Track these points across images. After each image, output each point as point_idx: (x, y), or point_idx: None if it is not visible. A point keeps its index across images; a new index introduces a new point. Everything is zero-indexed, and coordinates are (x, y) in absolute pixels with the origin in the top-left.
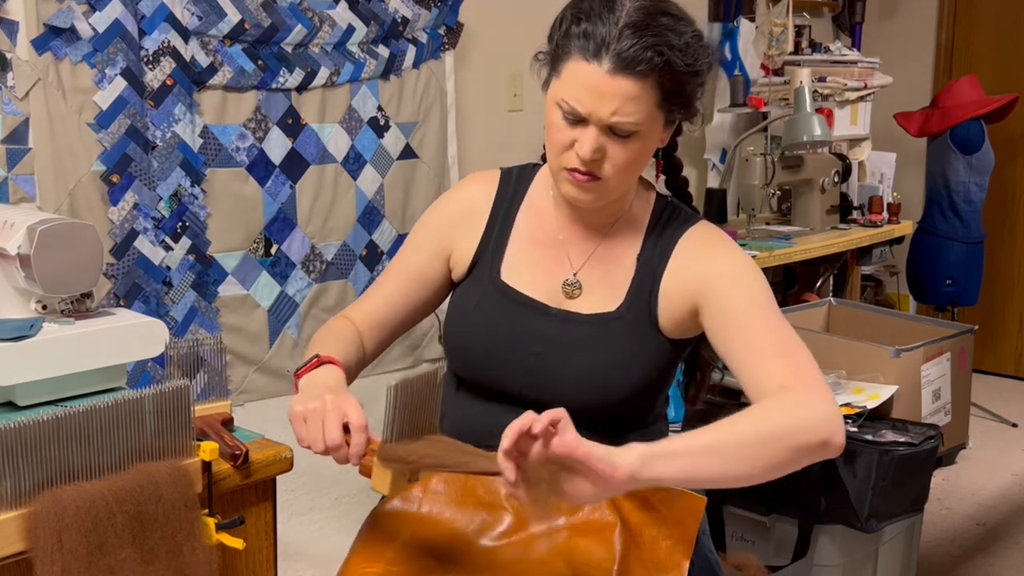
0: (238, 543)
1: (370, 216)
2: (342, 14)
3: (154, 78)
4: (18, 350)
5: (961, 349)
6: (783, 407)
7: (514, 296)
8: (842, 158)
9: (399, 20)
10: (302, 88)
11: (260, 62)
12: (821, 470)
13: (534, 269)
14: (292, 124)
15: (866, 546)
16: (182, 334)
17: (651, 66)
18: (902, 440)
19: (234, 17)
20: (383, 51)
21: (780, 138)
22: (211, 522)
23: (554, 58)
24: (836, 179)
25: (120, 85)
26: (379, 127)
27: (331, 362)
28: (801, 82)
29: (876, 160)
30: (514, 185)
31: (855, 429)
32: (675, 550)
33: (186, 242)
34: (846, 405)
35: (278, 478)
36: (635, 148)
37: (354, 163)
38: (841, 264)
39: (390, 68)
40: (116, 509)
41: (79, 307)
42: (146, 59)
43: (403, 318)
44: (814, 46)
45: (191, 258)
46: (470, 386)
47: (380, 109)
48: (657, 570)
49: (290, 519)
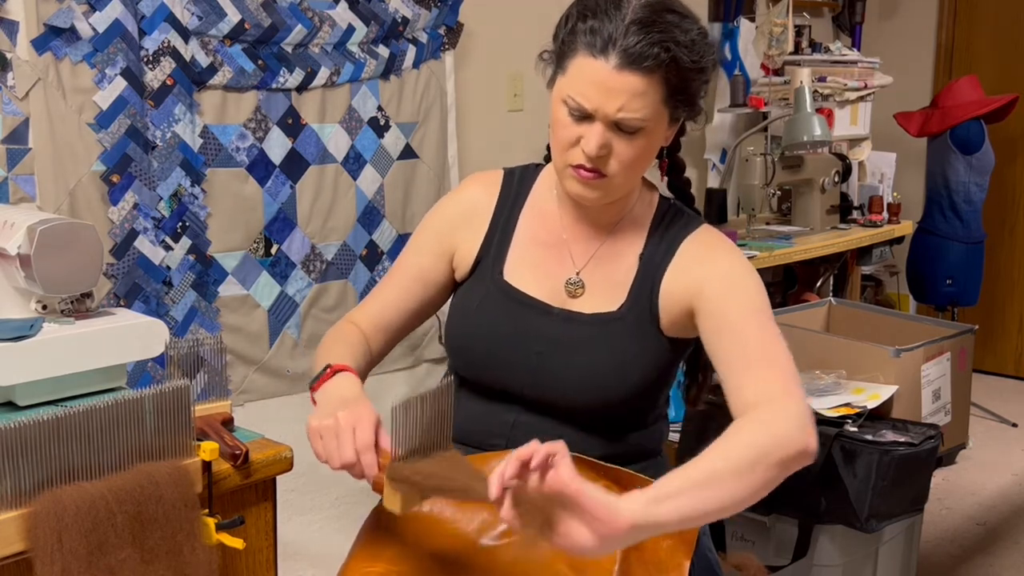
0: (238, 543)
1: (370, 216)
2: (342, 14)
3: (154, 78)
4: (18, 350)
5: (961, 349)
6: (764, 425)
7: (516, 296)
8: (842, 158)
9: (399, 20)
10: (302, 88)
11: (260, 62)
12: (821, 470)
13: (536, 269)
14: (292, 124)
15: (866, 546)
16: (182, 334)
17: (658, 62)
18: (902, 440)
19: (234, 17)
20: (383, 51)
21: (780, 138)
22: (211, 522)
23: (560, 55)
24: (836, 179)
25: (120, 85)
26: (379, 127)
27: (344, 370)
28: (801, 82)
29: (876, 160)
30: (517, 185)
31: (855, 429)
32: (676, 550)
33: (186, 242)
34: (846, 405)
35: (278, 478)
36: (640, 145)
37: (354, 163)
38: (841, 264)
39: (390, 68)
40: (116, 509)
41: (79, 307)
42: (146, 59)
43: (407, 320)
44: (814, 46)
45: (191, 258)
46: (472, 386)
47: (380, 109)
48: (658, 570)
49: (290, 519)
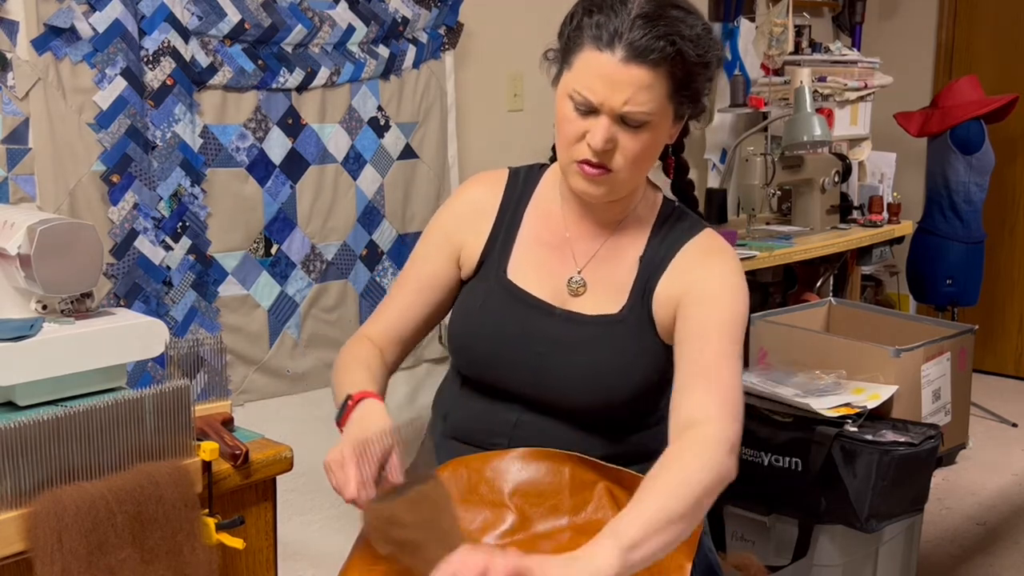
0: (238, 543)
1: (370, 216)
2: (342, 14)
3: (154, 78)
4: (18, 350)
5: (961, 349)
6: (701, 459)
7: (520, 295)
8: (842, 158)
9: (399, 20)
10: (302, 88)
11: (260, 62)
12: (821, 470)
13: (540, 269)
14: (292, 124)
15: (866, 546)
16: (182, 334)
17: (663, 55)
18: (902, 440)
19: (234, 17)
20: (383, 51)
21: (780, 138)
22: (211, 522)
23: (565, 51)
24: (836, 179)
25: (120, 85)
26: (379, 127)
27: (364, 396)
28: (801, 82)
29: (876, 160)
30: (521, 185)
31: (855, 429)
32: (677, 551)
33: (186, 242)
34: (846, 405)
35: (278, 478)
36: (645, 140)
37: (354, 163)
38: (841, 264)
39: (390, 68)
40: (116, 509)
41: (79, 307)
42: (146, 59)
43: (420, 327)
44: (814, 46)
45: (191, 258)
46: (474, 384)
47: (380, 109)
48: (660, 571)
49: (290, 519)
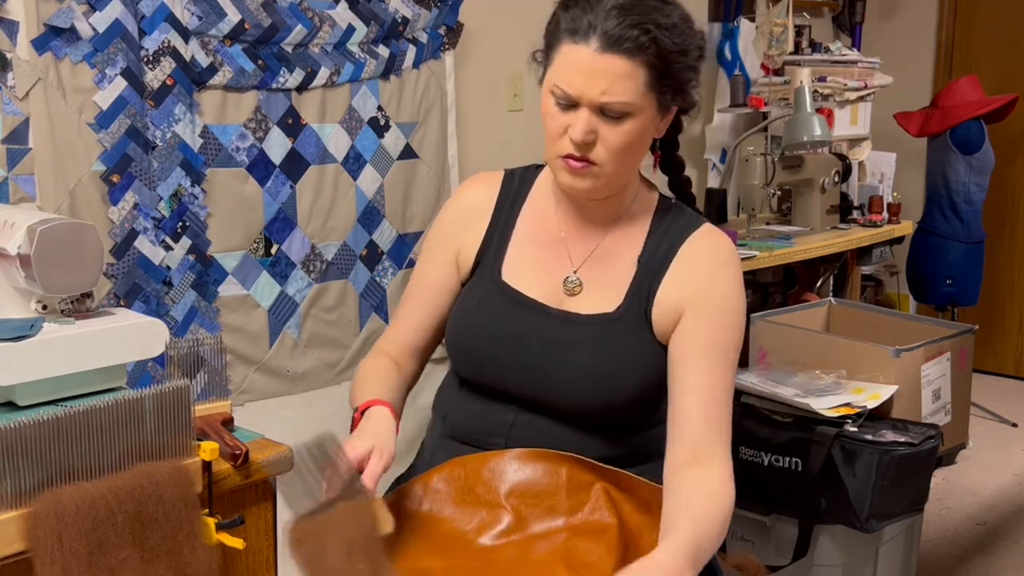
0: (238, 543)
1: (370, 216)
2: (342, 14)
3: (154, 78)
4: (18, 350)
5: (961, 349)
6: (719, 500)
7: (515, 296)
8: (842, 158)
9: (399, 20)
10: (302, 88)
11: (260, 62)
12: (821, 470)
13: (535, 269)
14: (292, 124)
15: (866, 546)
16: (182, 334)
17: (638, 44)
18: (902, 440)
19: (234, 17)
20: (383, 51)
21: (780, 138)
22: (211, 522)
23: (547, 49)
24: (836, 179)
25: (120, 85)
26: (379, 127)
27: (370, 405)
28: (801, 82)
29: (876, 160)
30: (517, 186)
31: (855, 429)
32: None
33: (186, 242)
34: (846, 405)
35: (278, 478)
36: (627, 131)
37: (354, 163)
38: (841, 264)
39: (390, 68)
40: (116, 509)
41: (79, 307)
42: (146, 59)
43: (434, 334)
44: (814, 46)
45: (191, 258)
46: (472, 385)
47: (380, 109)
48: None
49: None
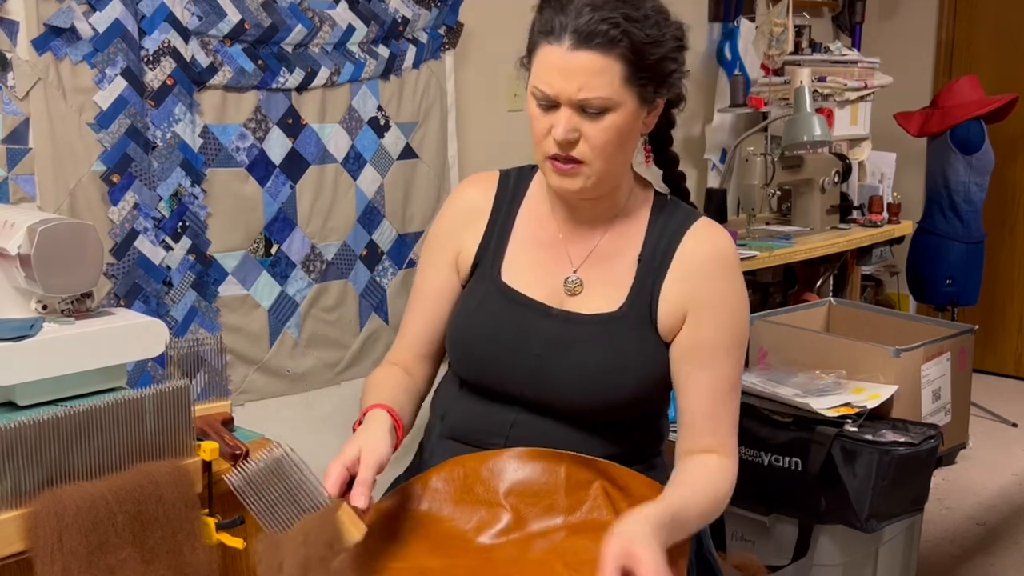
0: (238, 543)
1: (370, 216)
2: (342, 14)
3: (154, 78)
4: (18, 350)
5: (961, 349)
6: (716, 487)
7: (515, 297)
8: (842, 158)
9: (399, 20)
10: (302, 88)
11: (260, 62)
12: (821, 470)
13: (535, 269)
14: (292, 124)
15: (866, 546)
16: (182, 334)
17: (609, 38)
18: (902, 440)
19: (234, 17)
20: (383, 51)
21: (780, 138)
22: (211, 522)
23: (528, 54)
24: (836, 179)
25: (120, 85)
26: (379, 127)
27: (365, 413)
28: (801, 82)
29: (876, 160)
30: (513, 186)
31: (855, 429)
32: (672, 550)
33: (186, 242)
34: (846, 405)
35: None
36: (609, 126)
37: (354, 163)
38: (841, 264)
39: (390, 68)
40: (116, 509)
41: (79, 307)
42: (146, 59)
43: (443, 337)
44: (814, 46)
45: (191, 258)
46: (472, 386)
47: (380, 109)
48: None
49: None
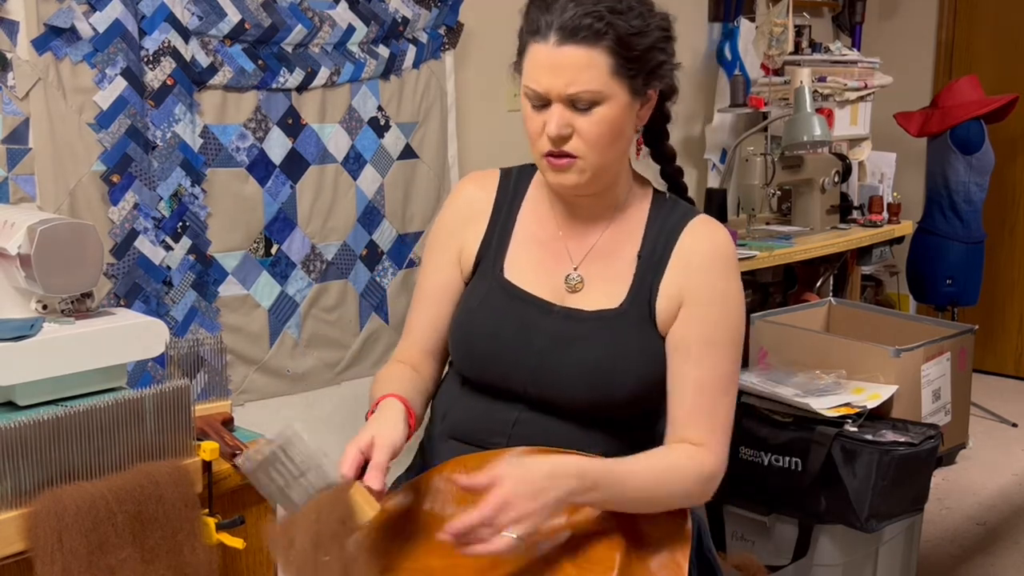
0: (238, 543)
1: (370, 216)
2: (342, 14)
3: (154, 78)
4: (18, 350)
5: (961, 349)
6: (673, 466)
7: (517, 294)
8: (842, 158)
9: (399, 20)
10: (302, 88)
11: (260, 62)
12: (821, 470)
13: (537, 267)
14: (292, 124)
15: (866, 546)
16: (182, 334)
17: (593, 31)
18: (902, 440)
19: (234, 17)
20: (383, 51)
21: (780, 138)
22: (211, 522)
23: (518, 56)
24: (836, 179)
25: (120, 85)
26: (379, 127)
27: (378, 404)
28: (801, 82)
29: (876, 160)
30: (514, 185)
31: (855, 429)
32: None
33: (186, 242)
34: (846, 405)
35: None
36: (601, 119)
37: (354, 163)
38: (841, 264)
39: (390, 68)
40: (116, 509)
41: (79, 307)
42: (146, 59)
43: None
44: (814, 46)
45: (191, 258)
46: (474, 384)
47: (380, 109)
48: (658, 568)
49: None
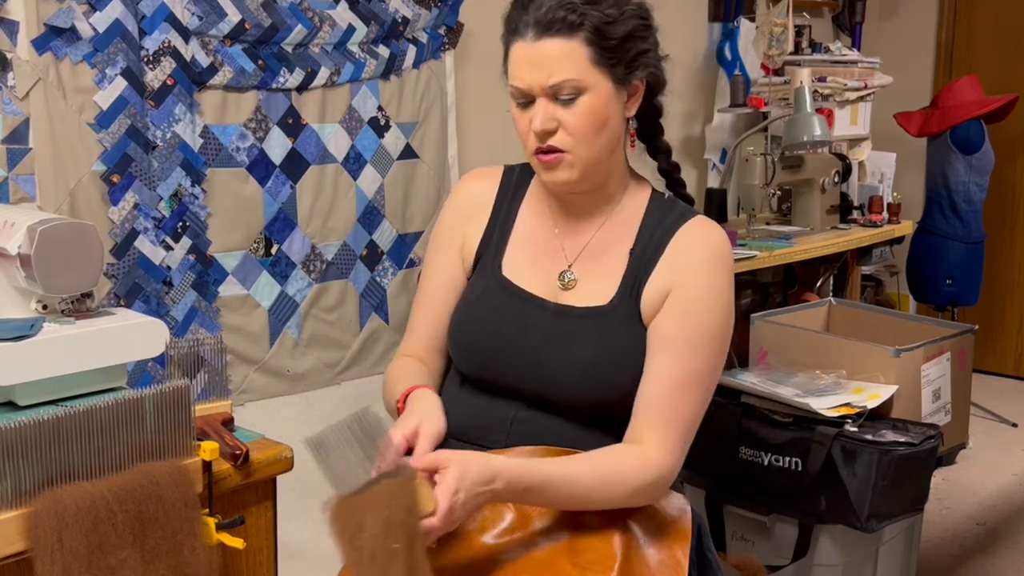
0: (238, 543)
1: (370, 216)
2: (342, 14)
3: (154, 78)
4: (18, 350)
5: (961, 349)
6: (624, 478)
7: (514, 291)
8: (842, 158)
9: (399, 20)
10: (302, 88)
11: (260, 62)
12: (821, 470)
13: (533, 264)
14: (292, 124)
15: (866, 546)
16: (182, 334)
17: (568, 23)
18: (902, 440)
19: (234, 17)
20: (383, 51)
21: (780, 138)
22: (211, 522)
23: (504, 61)
24: (836, 179)
25: (120, 85)
26: (379, 127)
27: (409, 392)
28: (801, 82)
29: (876, 160)
30: (516, 182)
31: (855, 429)
32: (673, 545)
33: (186, 242)
34: (846, 405)
35: (278, 478)
36: (586, 110)
37: (354, 163)
38: (841, 264)
39: (390, 68)
40: (116, 509)
41: (79, 307)
42: (146, 59)
43: None
44: (814, 46)
45: (191, 258)
46: (473, 382)
47: (380, 109)
48: (658, 567)
49: (290, 519)
